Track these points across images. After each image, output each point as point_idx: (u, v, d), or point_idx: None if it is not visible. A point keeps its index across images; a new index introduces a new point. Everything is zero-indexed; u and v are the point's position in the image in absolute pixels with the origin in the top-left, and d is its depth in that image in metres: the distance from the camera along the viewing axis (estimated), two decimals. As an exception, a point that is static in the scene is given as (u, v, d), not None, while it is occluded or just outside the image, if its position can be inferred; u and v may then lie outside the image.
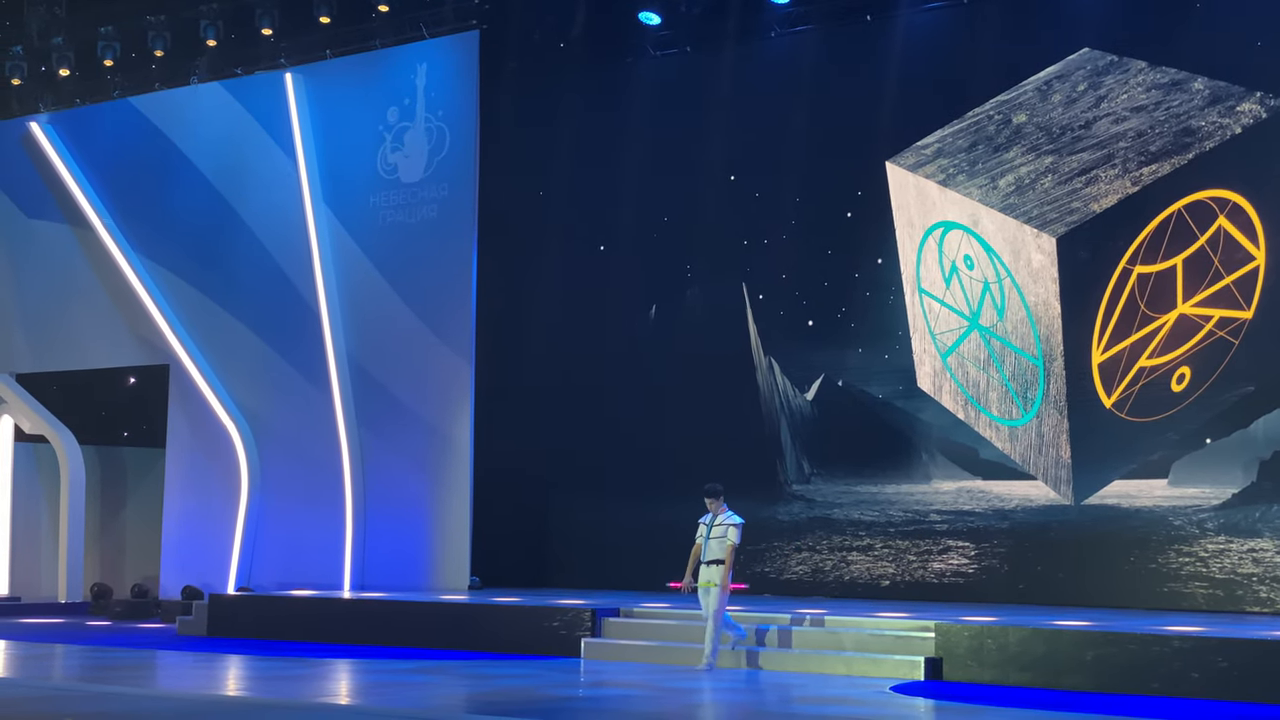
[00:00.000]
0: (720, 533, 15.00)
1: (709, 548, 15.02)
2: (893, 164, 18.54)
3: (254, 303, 22.71)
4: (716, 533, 15.04)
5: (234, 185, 23.07)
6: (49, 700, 11.90)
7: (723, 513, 15.10)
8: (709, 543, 15.02)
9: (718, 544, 14.99)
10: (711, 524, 15.10)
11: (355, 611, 18.32)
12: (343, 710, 11.94)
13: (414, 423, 21.20)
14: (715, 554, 15.00)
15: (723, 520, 15.04)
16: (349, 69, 22.34)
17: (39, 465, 24.79)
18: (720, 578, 14.84)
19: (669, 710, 12.06)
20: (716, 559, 14.95)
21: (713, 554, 15.01)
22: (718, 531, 15.04)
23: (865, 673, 14.34)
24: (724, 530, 14.97)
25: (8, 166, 25.32)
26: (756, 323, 19.62)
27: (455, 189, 21.25)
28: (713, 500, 15.17)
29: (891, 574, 18.40)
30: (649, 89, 20.55)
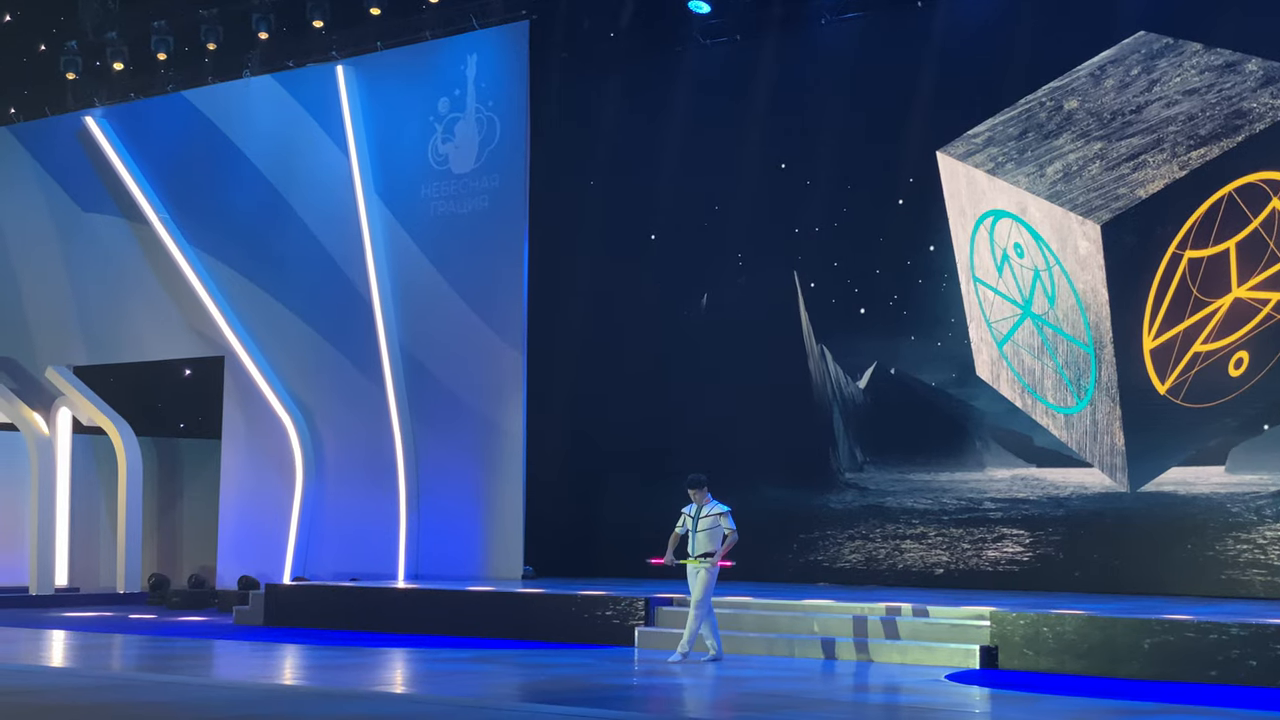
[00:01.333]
0: (709, 524, 14.48)
1: (697, 540, 14.51)
2: (943, 153, 18.45)
3: (307, 294, 22.84)
4: (704, 524, 14.51)
5: (286, 177, 23.21)
6: (109, 690, 12.03)
7: (708, 503, 14.64)
8: (696, 535, 14.51)
9: (706, 537, 14.48)
10: (698, 515, 14.60)
11: (410, 601, 18.41)
12: (399, 699, 12.01)
13: (466, 413, 21.27)
14: (704, 547, 14.48)
15: (709, 511, 14.56)
16: (399, 60, 22.42)
17: (97, 457, 25.02)
18: (706, 571, 14.38)
19: (723, 698, 12.07)
20: (705, 552, 14.45)
21: (701, 547, 14.49)
22: (705, 524, 14.51)
23: (920, 661, 14.31)
24: (713, 521, 14.47)
25: (64, 161, 25.57)
26: (808, 311, 19.57)
27: (506, 179, 21.30)
28: (697, 491, 14.66)
29: (945, 562, 18.33)
30: (699, 78, 20.52)
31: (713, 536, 14.49)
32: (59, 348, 25.43)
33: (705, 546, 14.50)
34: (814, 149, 19.57)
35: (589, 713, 10.75)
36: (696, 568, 14.44)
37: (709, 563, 14.37)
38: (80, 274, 25.43)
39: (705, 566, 14.38)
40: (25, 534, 23.87)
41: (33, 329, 25.89)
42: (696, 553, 14.52)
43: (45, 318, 25.78)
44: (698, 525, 14.54)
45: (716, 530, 14.48)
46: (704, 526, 14.51)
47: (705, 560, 14.42)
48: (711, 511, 14.58)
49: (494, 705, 11.45)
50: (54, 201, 25.71)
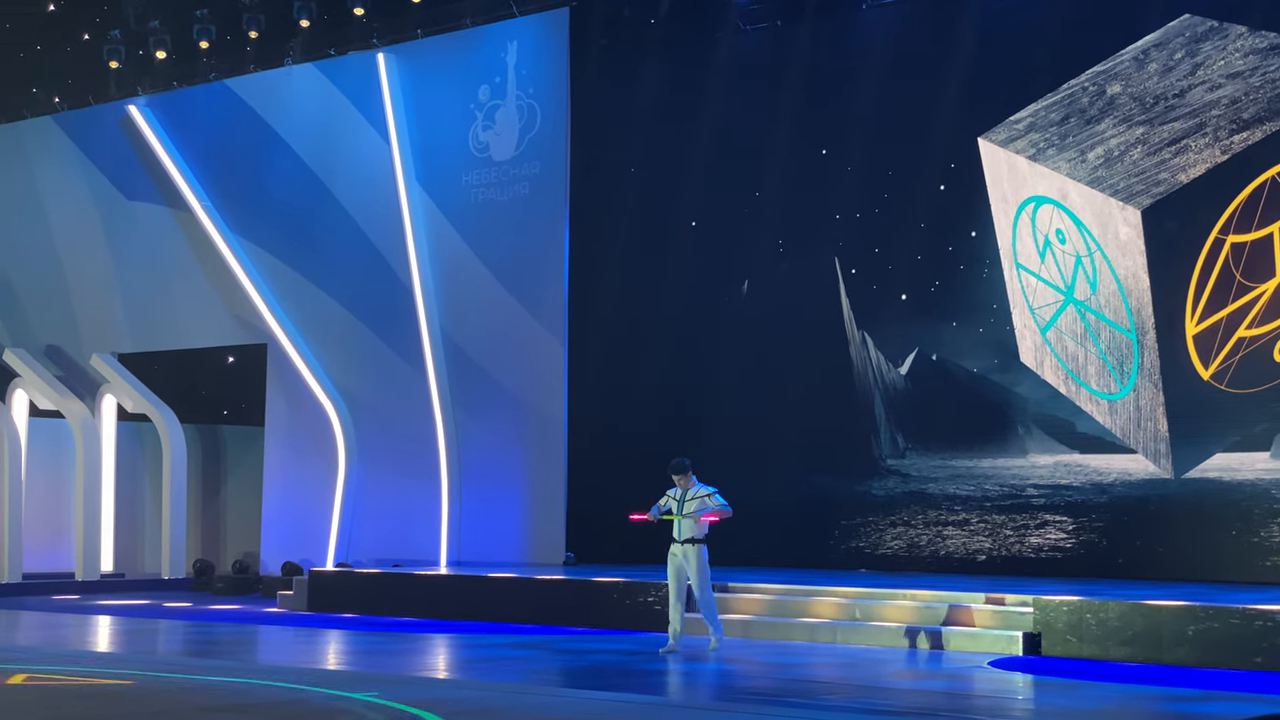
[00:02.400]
0: (696, 508, 14.11)
1: (682, 526, 14.17)
2: (984, 139, 18.37)
3: (349, 282, 22.94)
4: (690, 508, 14.13)
5: (328, 165, 23.32)
6: (154, 675, 12.13)
7: (693, 487, 14.25)
8: (682, 521, 14.18)
9: (693, 522, 14.12)
10: (683, 500, 14.23)
11: (452, 587, 18.50)
12: (441, 684, 12.07)
13: (508, 399, 21.34)
14: (689, 532, 14.13)
15: (695, 494, 14.18)
16: (440, 48, 22.48)
17: (141, 444, 25.22)
18: (696, 556, 14.06)
19: (766, 685, 12.09)
20: (691, 538, 14.11)
21: (687, 532, 14.14)
22: (691, 507, 14.13)
23: (962, 648, 14.30)
24: (700, 504, 14.09)
25: (107, 150, 25.75)
26: (849, 297, 19.53)
27: (546, 166, 21.33)
28: (681, 476, 14.28)
29: (988, 549, 18.29)
30: (739, 64, 20.48)
31: (699, 525, 14.15)
32: (104, 335, 25.63)
33: (691, 531, 14.13)
34: (855, 135, 19.51)
35: (631, 698, 10.79)
36: (681, 568, 14.10)
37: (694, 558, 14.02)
38: (124, 262, 25.61)
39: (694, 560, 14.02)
40: (71, 520, 24.08)
41: (78, 317, 26.10)
42: (683, 538, 14.15)
43: (90, 306, 25.99)
44: (683, 509, 14.18)
45: (710, 507, 14.14)
46: (690, 510, 14.15)
47: (689, 547, 14.08)
48: (698, 494, 14.19)
49: (536, 691, 11.50)
50: (98, 190, 25.90)
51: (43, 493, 23.93)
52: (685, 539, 14.15)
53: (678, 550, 14.17)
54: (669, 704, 10.49)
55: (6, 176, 27.27)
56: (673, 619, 14.22)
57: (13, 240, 27.14)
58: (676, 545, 14.19)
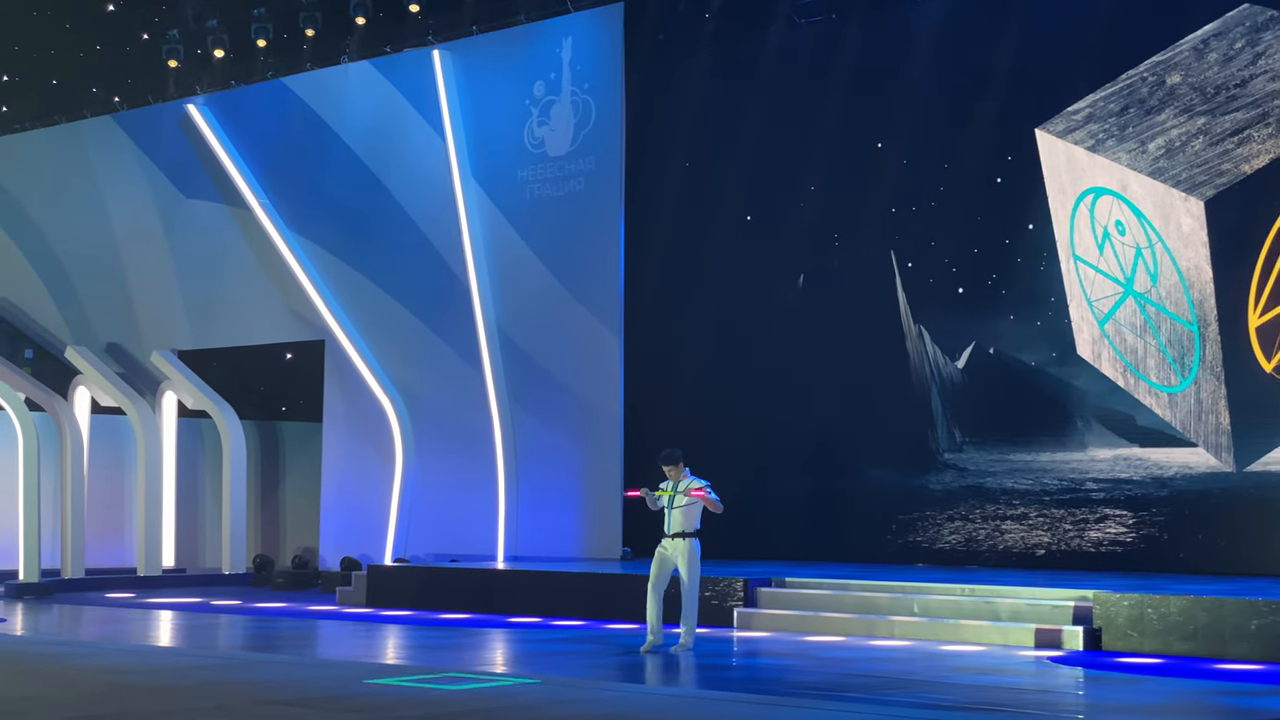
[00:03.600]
0: (687, 500, 13.73)
1: (673, 518, 13.80)
2: (1042, 130, 18.24)
3: (406, 277, 23.05)
4: (682, 501, 13.74)
5: (384, 162, 23.43)
6: (216, 669, 12.22)
7: (684, 479, 13.85)
8: (672, 513, 13.81)
9: (683, 514, 13.75)
10: (675, 492, 13.82)
11: (509, 582, 18.55)
12: (499, 679, 12.10)
13: (564, 395, 21.37)
14: (680, 525, 13.76)
15: (687, 487, 13.75)
16: (495, 44, 22.54)
17: (201, 440, 25.43)
18: (689, 550, 13.70)
19: (824, 680, 12.06)
20: (682, 532, 13.75)
21: (677, 525, 13.78)
22: (683, 500, 13.74)
23: (1022, 642, 14.22)
24: (692, 498, 13.71)
25: (167, 148, 25.97)
26: (905, 290, 19.45)
27: (601, 162, 21.35)
28: (672, 467, 13.87)
29: (1047, 543, 18.18)
30: (794, 57, 20.43)
31: (689, 514, 13.78)
32: (164, 332, 25.85)
33: (681, 525, 13.77)
34: (910, 128, 19.42)
35: (688, 693, 10.78)
36: (675, 547, 13.73)
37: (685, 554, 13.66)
38: (183, 260, 25.82)
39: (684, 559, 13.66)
40: (133, 516, 24.31)
41: (138, 314, 26.34)
42: (672, 531, 13.79)
43: (150, 303, 26.22)
44: (674, 502, 13.80)
45: (694, 507, 13.77)
46: (681, 503, 13.75)
47: (679, 541, 13.71)
48: (689, 487, 13.77)
49: (593, 685, 11.51)
50: (157, 188, 26.13)
51: (105, 489, 24.17)
52: (676, 532, 13.80)
53: (668, 545, 13.82)
54: (726, 698, 10.48)
55: (68, 176, 27.55)
56: (651, 614, 13.89)
57: (74, 239, 27.42)
58: (667, 540, 13.84)
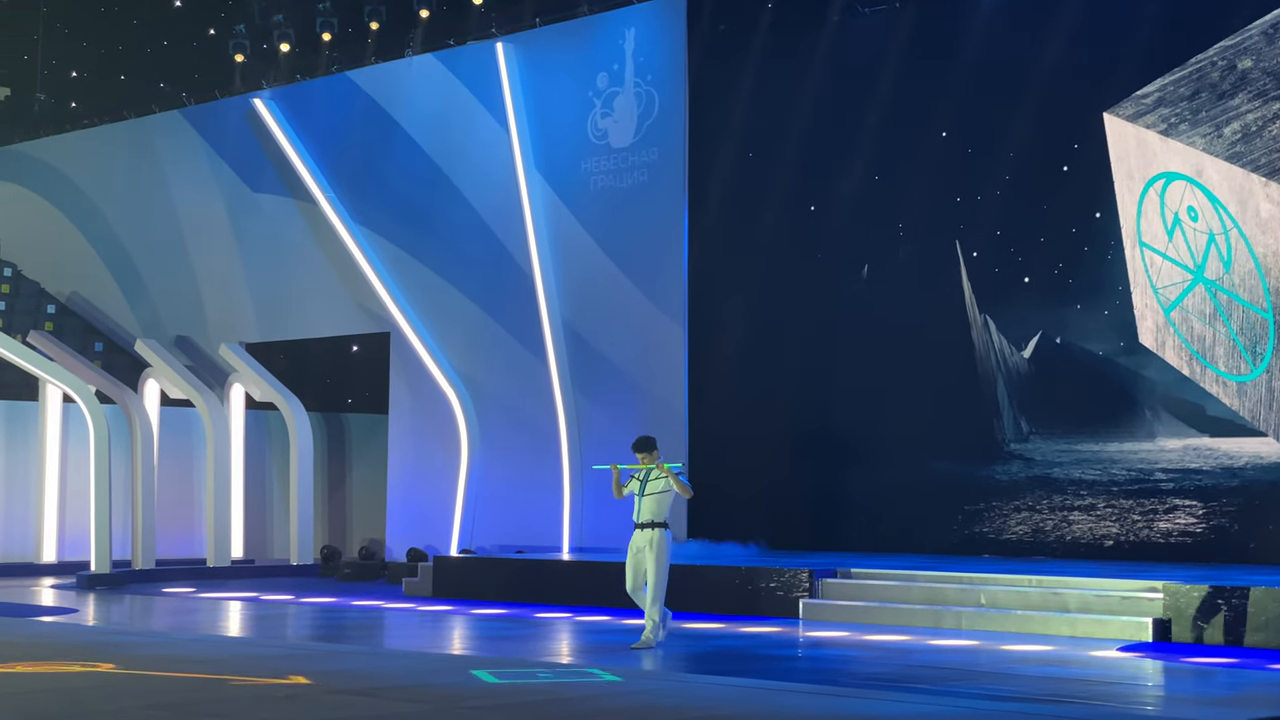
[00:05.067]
0: (660, 488, 13.24)
1: (643, 506, 13.27)
2: (1111, 115, 18.06)
3: (470, 270, 23.14)
4: (653, 488, 13.24)
5: (448, 155, 23.52)
6: (286, 658, 12.33)
7: (659, 465, 13.36)
8: (643, 500, 13.28)
9: (655, 503, 13.24)
10: (646, 479, 13.34)
11: (574, 573, 18.59)
12: (566, 670, 12.14)
13: (628, 386, 21.39)
14: (650, 514, 13.25)
15: (659, 475, 13.29)
16: (558, 36, 22.57)
17: (269, 433, 25.63)
18: (658, 541, 13.20)
19: (888, 671, 12.02)
20: (652, 521, 13.24)
21: (648, 514, 13.26)
22: (656, 487, 13.24)
23: (1090, 634, 14.12)
24: (664, 485, 13.23)
25: (234, 142, 26.19)
26: (970, 280, 19.33)
27: (665, 153, 21.34)
28: (646, 455, 13.38)
29: (1115, 534, 18.03)
30: (857, 46, 20.33)
31: (661, 503, 13.30)
32: (231, 326, 26.08)
33: (652, 514, 13.25)
34: (975, 116, 19.29)
35: (755, 683, 10.78)
36: (640, 556, 13.24)
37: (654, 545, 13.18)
38: (250, 253, 26.04)
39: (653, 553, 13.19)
40: (202, 508, 24.54)
41: (207, 308, 26.59)
42: (642, 520, 13.28)
43: (218, 296, 26.47)
44: (645, 489, 13.29)
45: (666, 496, 13.31)
46: (652, 491, 13.24)
47: (649, 531, 13.24)
48: (661, 475, 13.30)
49: (660, 676, 11.52)
50: (224, 183, 26.36)
51: (174, 481, 24.41)
52: (646, 522, 13.30)
53: (638, 537, 13.34)
54: (792, 689, 10.46)
55: (136, 171, 27.85)
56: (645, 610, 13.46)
57: (143, 233, 27.72)
58: (638, 531, 13.35)
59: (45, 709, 9.21)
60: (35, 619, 16.57)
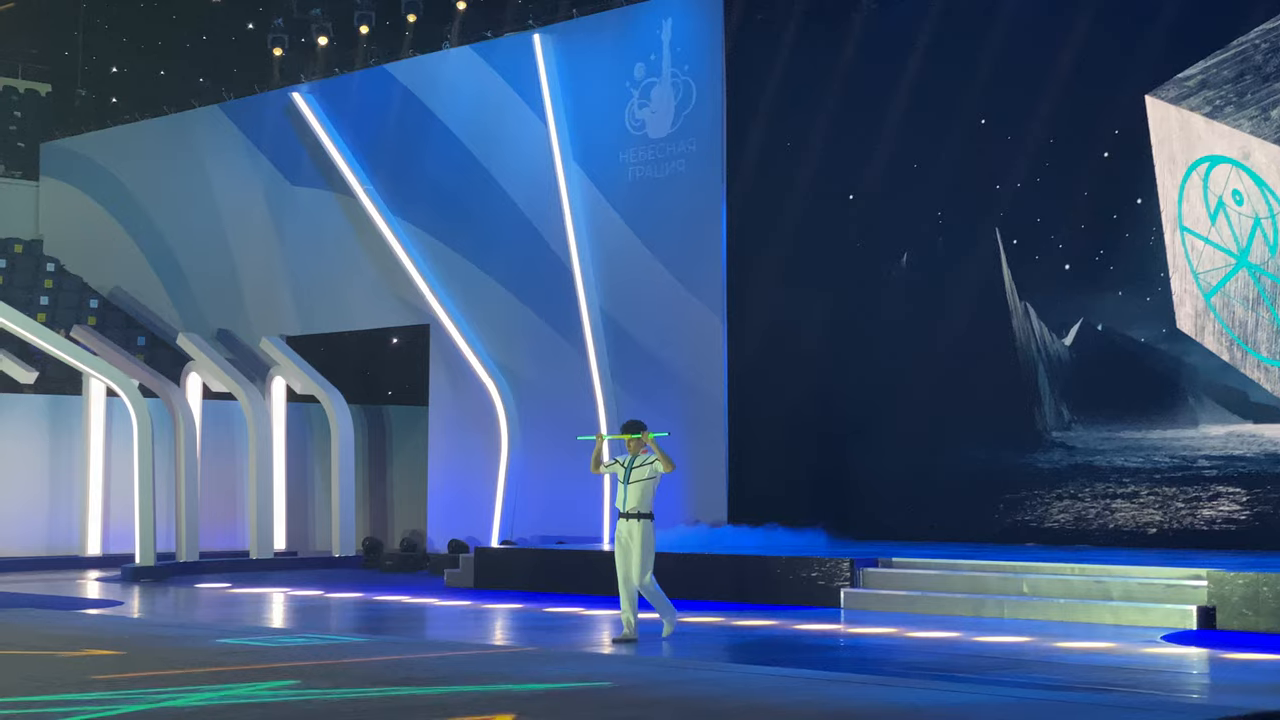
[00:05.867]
0: (645, 474, 12.78)
1: (627, 494, 12.77)
2: (1153, 98, 17.94)
3: (509, 261, 23.18)
4: (638, 475, 12.78)
5: (486, 146, 23.56)
6: (332, 650, 12.38)
7: (644, 453, 12.91)
8: (628, 487, 12.78)
9: (640, 490, 12.75)
10: (631, 466, 12.87)
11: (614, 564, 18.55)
12: (607, 659, 12.16)
13: (667, 376, 21.39)
14: (635, 502, 12.76)
15: (644, 461, 12.86)
16: (595, 27, 22.57)
17: (310, 425, 25.74)
18: (641, 532, 12.72)
19: (931, 661, 12.00)
20: (637, 511, 12.76)
21: (633, 501, 12.76)
22: (640, 474, 12.78)
23: (1134, 622, 14.05)
24: (650, 472, 12.80)
25: (273, 136, 26.31)
26: (1010, 268, 19.24)
27: (703, 143, 21.31)
28: (634, 439, 12.91)
29: (1159, 521, 17.93)
30: (896, 35, 20.25)
31: (646, 490, 12.82)
32: (272, 319, 26.21)
33: (637, 502, 12.75)
34: (1015, 102, 19.18)
35: (798, 673, 10.78)
36: (627, 548, 12.78)
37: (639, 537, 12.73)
38: (290, 247, 26.16)
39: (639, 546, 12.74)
40: (244, 500, 24.68)
41: (248, 301, 26.73)
42: (627, 508, 12.76)
43: (259, 290, 26.60)
44: (630, 476, 12.80)
45: (651, 483, 12.86)
46: (637, 478, 12.78)
47: (635, 522, 12.76)
48: (647, 461, 12.83)
49: (701, 666, 11.53)
50: (264, 176, 26.48)
51: (216, 474, 24.55)
52: (631, 511, 12.82)
53: (623, 528, 12.86)
54: (833, 678, 10.45)
55: (177, 165, 28.00)
56: (625, 608, 13.16)
57: (184, 228, 27.88)
58: (622, 521, 12.88)
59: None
60: (81, 611, 16.68)
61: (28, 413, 24.14)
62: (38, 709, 8.80)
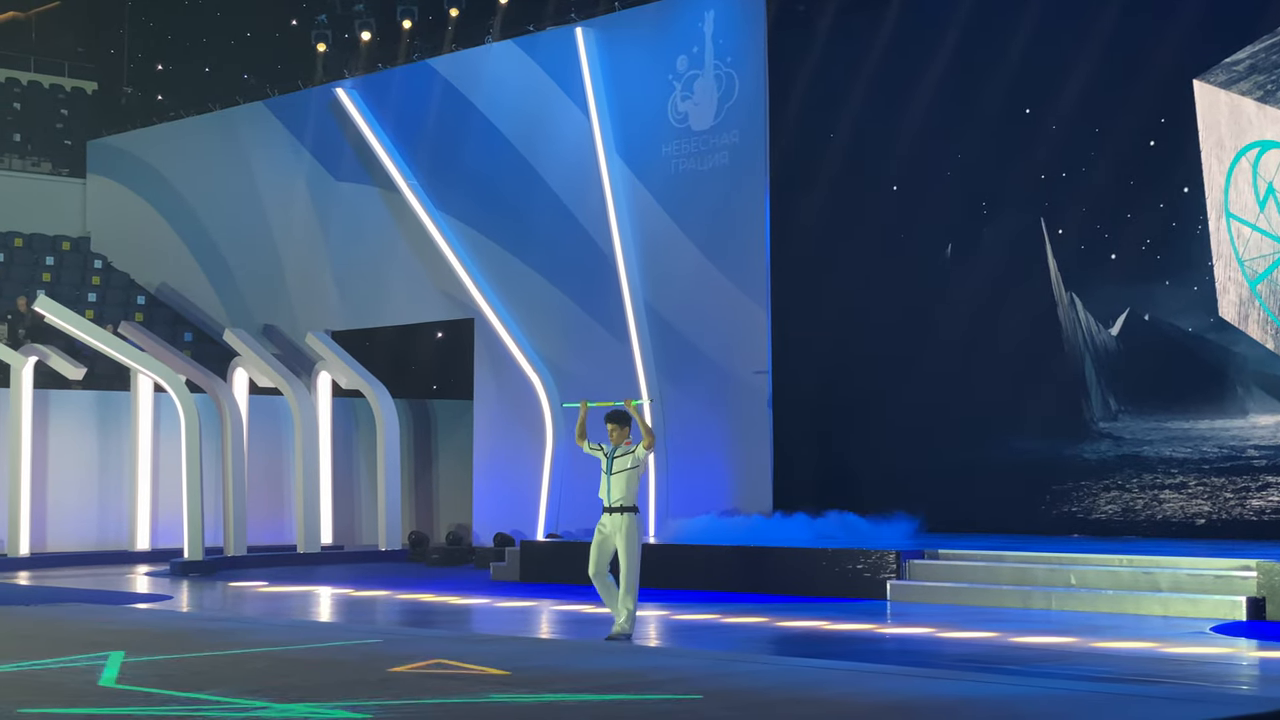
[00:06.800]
0: (628, 464, 12.40)
1: (611, 485, 12.40)
2: (1201, 82, 17.77)
3: (553, 255, 23.20)
4: (621, 465, 12.41)
5: (529, 140, 23.59)
6: (377, 644, 12.43)
7: (627, 443, 12.56)
8: (611, 478, 12.41)
9: (624, 481, 12.34)
10: (613, 455, 12.52)
11: (661, 556, 18.58)
12: (652, 652, 12.17)
13: (711, 368, 21.37)
14: (619, 494, 12.35)
15: (626, 450, 12.51)
16: (637, 20, 22.56)
17: (356, 420, 25.85)
18: (626, 526, 12.34)
19: (981, 651, 11.95)
20: (621, 505, 12.34)
21: (617, 493, 12.37)
22: (623, 464, 12.40)
23: (1183, 613, 13.96)
24: (633, 461, 12.42)
25: (317, 132, 26.42)
26: (1056, 258, 19.13)
27: (746, 134, 21.27)
28: (618, 428, 12.54)
29: (1207, 512, 17.80)
30: (939, 24, 20.14)
31: (630, 481, 12.42)
32: (317, 314, 26.33)
33: (621, 493, 12.35)
34: (1060, 91, 19.06)
35: (843, 665, 10.76)
36: (613, 524, 12.37)
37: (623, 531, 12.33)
38: (335, 242, 26.27)
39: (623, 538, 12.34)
40: (291, 495, 24.81)
41: (293, 297, 26.86)
42: (611, 501, 12.38)
43: (304, 285, 26.73)
44: (612, 466, 12.40)
45: (635, 472, 12.46)
46: (620, 468, 12.38)
47: (619, 516, 12.37)
48: (629, 450, 12.49)
49: (748, 659, 11.52)
50: (309, 172, 26.60)
51: (263, 468, 24.67)
52: (616, 505, 12.42)
53: (607, 521, 12.47)
54: (880, 670, 10.42)
55: (222, 162, 28.16)
56: (607, 600, 12.70)
57: (230, 224, 28.04)
58: (605, 516, 12.48)
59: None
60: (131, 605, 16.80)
61: (77, 409, 24.33)
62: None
